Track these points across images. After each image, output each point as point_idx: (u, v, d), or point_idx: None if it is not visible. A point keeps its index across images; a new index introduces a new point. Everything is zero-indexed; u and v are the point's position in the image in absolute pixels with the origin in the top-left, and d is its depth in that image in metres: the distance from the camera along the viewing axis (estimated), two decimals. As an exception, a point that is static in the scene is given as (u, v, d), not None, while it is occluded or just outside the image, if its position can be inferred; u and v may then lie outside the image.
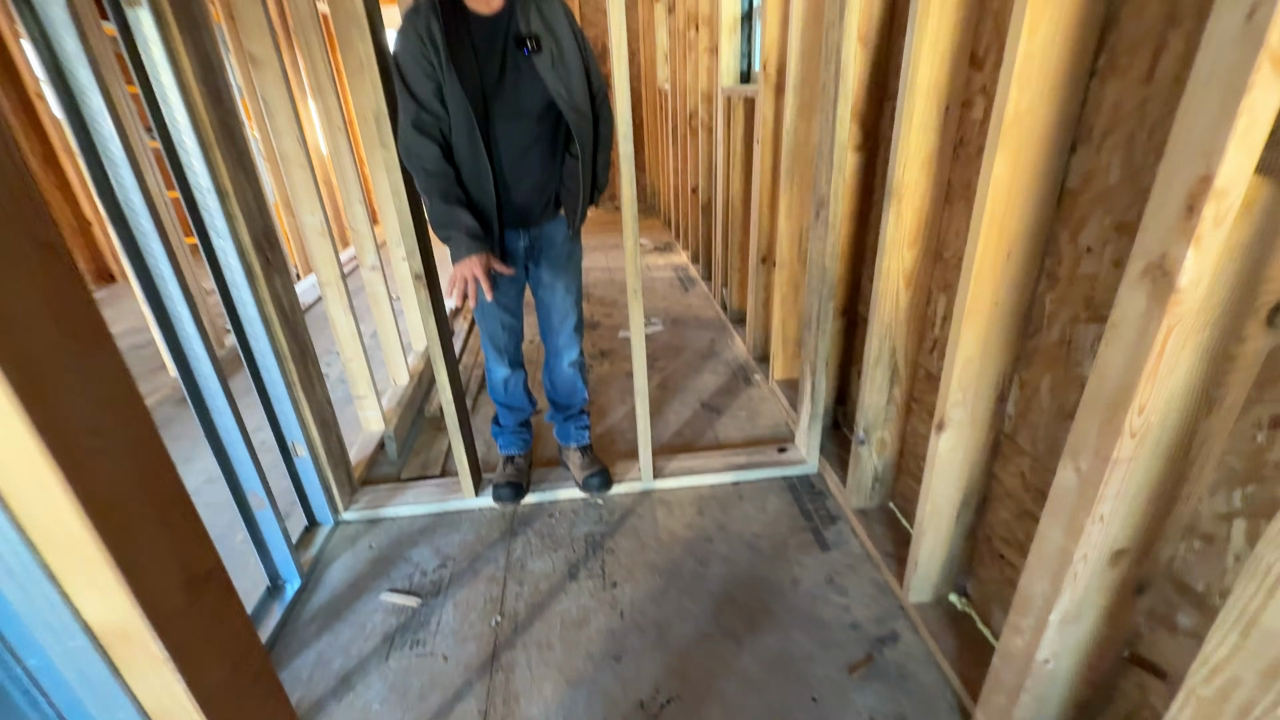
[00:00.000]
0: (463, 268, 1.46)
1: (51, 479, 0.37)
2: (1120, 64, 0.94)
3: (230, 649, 0.51)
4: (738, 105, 2.72)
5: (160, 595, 0.45)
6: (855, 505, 1.79)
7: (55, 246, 0.38)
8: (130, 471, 0.43)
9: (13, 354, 0.34)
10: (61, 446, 0.37)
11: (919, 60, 1.25)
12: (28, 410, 0.35)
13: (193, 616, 0.48)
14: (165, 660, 0.45)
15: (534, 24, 1.43)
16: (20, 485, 0.37)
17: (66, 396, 0.38)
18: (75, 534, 0.40)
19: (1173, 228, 0.69)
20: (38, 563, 0.40)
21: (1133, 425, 0.78)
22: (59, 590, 0.41)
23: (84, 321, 0.40)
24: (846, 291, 1.92)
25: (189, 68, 1.33)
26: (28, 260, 0.36)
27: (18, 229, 0.35)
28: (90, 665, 0.44)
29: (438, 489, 1.98)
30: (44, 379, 0.37)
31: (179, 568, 0.48)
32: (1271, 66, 0.59)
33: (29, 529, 0.39)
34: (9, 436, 0.36)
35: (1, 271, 0.35)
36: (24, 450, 0.36)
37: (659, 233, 5.41)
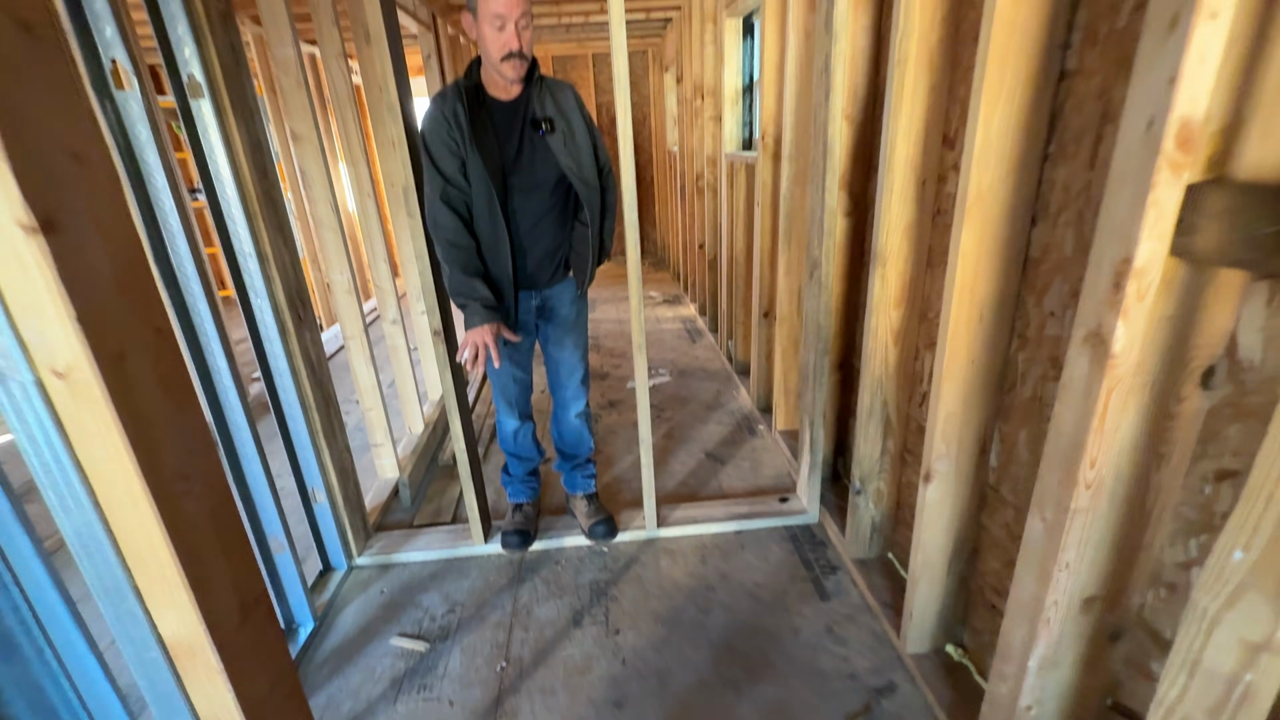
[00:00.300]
0: (475, 334, 1.58)
1: (149, 513, 0.46)
2: (1068, 151, 1.05)
3: (270, 667, 0.59)
4: (740, 170, 2.89)
5: (220, 615, 0.53)
6: (854, 555, 1.82)
7: (164, 330, 0.48)
8: (205, 510, 0.52)
9: (131, 413, 0.44)
10: (158, 487, 0.46)
11: (896, 140, 1.38)
12: (138, 458, 0.45)
13: (244, 635, 0.56)
14: (220, 672, 0.52)
15: (548, 108, 1.59)
16: (124, 518, 0.46)
17: (166, 448, 0.48)
18: (162, 560, 0.48)
19: (1104, 301, 0.78)
20: (129, 583, 0.49)
21: (1086, 477, 0.85)
22: (143, 607, 0.50)
23: (181, 388, 0.50)
24: (841, 346, 2.01)
25: (240, 148, 1.49)
26: (146, 340, 0.46)
27: (141, 317, 0.45)
28: (160, 674, 0.52)
29: (449, 535, 2.04)
30: (152, 434, 0.46)
31: (236, 592, 0.56)
32: (1170, 169, 0.70)
33: (126, 554, 0.48)
34: (122, 478, 0.45)
35: (129, 350, 0.45)
36: (131, 490, 0.45)
37: (669, 285, 5.57)
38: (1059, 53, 1.04)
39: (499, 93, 1.57)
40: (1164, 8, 0.68)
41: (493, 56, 1.48)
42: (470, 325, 1.60)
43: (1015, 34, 1.00)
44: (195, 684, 0.53)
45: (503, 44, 1.45)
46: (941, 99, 1.35)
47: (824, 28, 1.61)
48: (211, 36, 1.40)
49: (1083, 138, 1.02)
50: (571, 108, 1.62)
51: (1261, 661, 0.65)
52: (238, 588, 0.56)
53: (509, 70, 1.49)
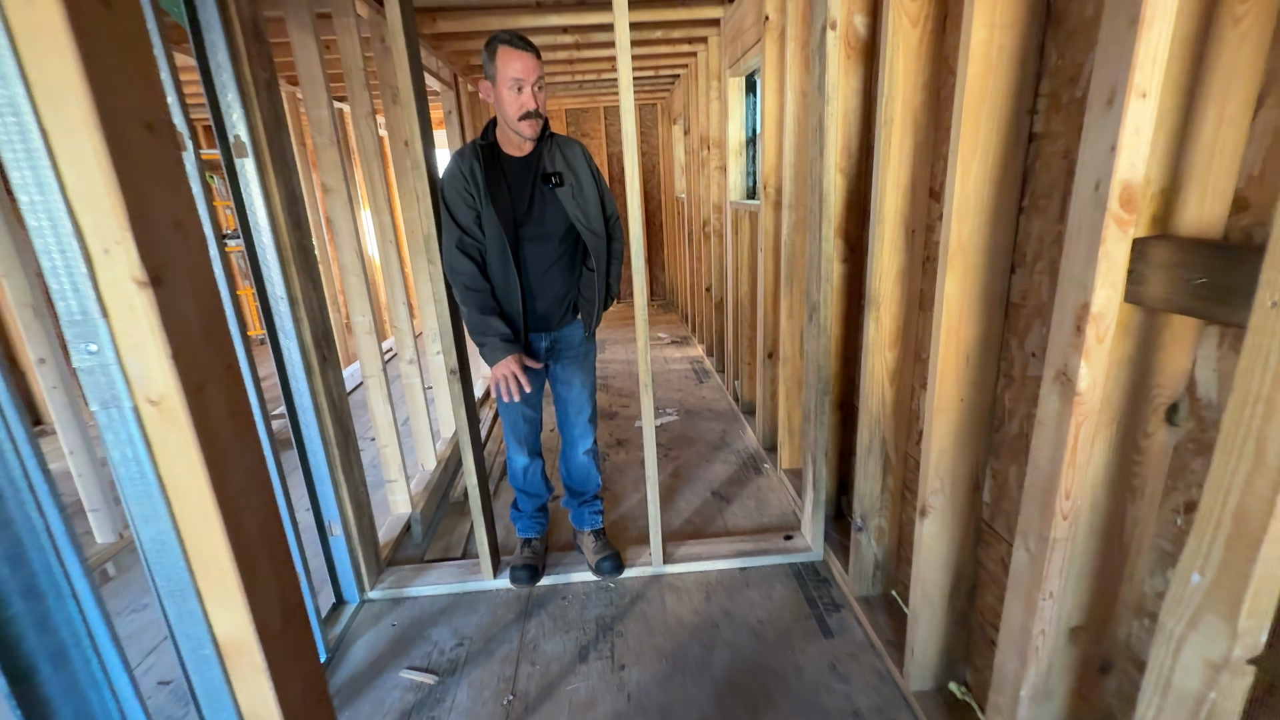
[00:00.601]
0: (500, 368, 1.68)
1: (215, 524, 0.53)
2: (1039, 205, 1.14)
3: (305, 671, 0.64)
4: (744, 217, 3.01)
5: (267, 618, 0.59)
6: (858, 593, 1.84)
7: (234, 366, 0.57)
8: (259, 523, 0.59)
9: (206, 436, 0.52)
10: (224, 501, 0.53)
11: (885, 194, 1.48)
12: (210, 475, 0.52)
13: (285, 638, 0.62)
14: (264, 671, 0.58)
15: (558, 163, 1.71)
16: (194, 527, 0.53)
17: (231, 467, 0.55)
18: (222, 565, 0.55)
19: (1068, 342, 0.85)
20: (192, 586, 0.55)
21: (1063, 508, 0.90)
22: (202, 608, 0.56)
23: (244, 415, 0.58)
24: (841, 386, 2.07)
25: (278, 201, 1.62)
26: (220, 375, 0.54)
27: (218, 354, 0.53)
28: (211, 671, 0.58)
29: (458, 570, 2.09)
30: (221, 454, 0.53)
31: (280, 598, 0.62)
32: (1117, 225, 0.78)
33: (192, 559, 0.55)
34: (195, 492, 0.52)
35: (207, 382, 0.53)
36: (202, 502, 0.52)
37: (677, 327, 5.68)
38: (1027, 117, 1.13)
39: (513, 150, 1.70)
40: (1102, 86, 0.77)
41: (510, 116, 1.61)
42: (494, 361, 1.69)
43: (985, 101, 1.10)
44: (241, 681, 0.59)
45: (520, 105, 1.59)
46: (926, 156, 1.46)
47: (817, 90, 1.74)
48: (257, 102, 1.54)
49: (1052, 193, 1.10)
50: (580, 163, 1.74)
51: (1222, 680, 0.69)
52: (281, 594, 0.62)
53: (526, 129, 1.62)
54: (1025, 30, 1.07)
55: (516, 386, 1.70)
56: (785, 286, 2.34)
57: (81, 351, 0.50)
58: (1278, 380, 0.60)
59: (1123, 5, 0.74)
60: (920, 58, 1.38)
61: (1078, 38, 1.02)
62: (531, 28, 2.99)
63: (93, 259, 0.47)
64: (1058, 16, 1.06)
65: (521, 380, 1.68)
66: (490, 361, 1.71)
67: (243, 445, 0.57)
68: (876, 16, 1.66)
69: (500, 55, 1.56)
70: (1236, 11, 0.72)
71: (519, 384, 1.70)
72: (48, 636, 0.75)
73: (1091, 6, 0.99)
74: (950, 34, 1.36)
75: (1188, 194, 0.79)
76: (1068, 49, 1.04)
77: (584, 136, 6.39)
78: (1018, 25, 1.06)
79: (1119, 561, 0.96)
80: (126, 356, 0.50)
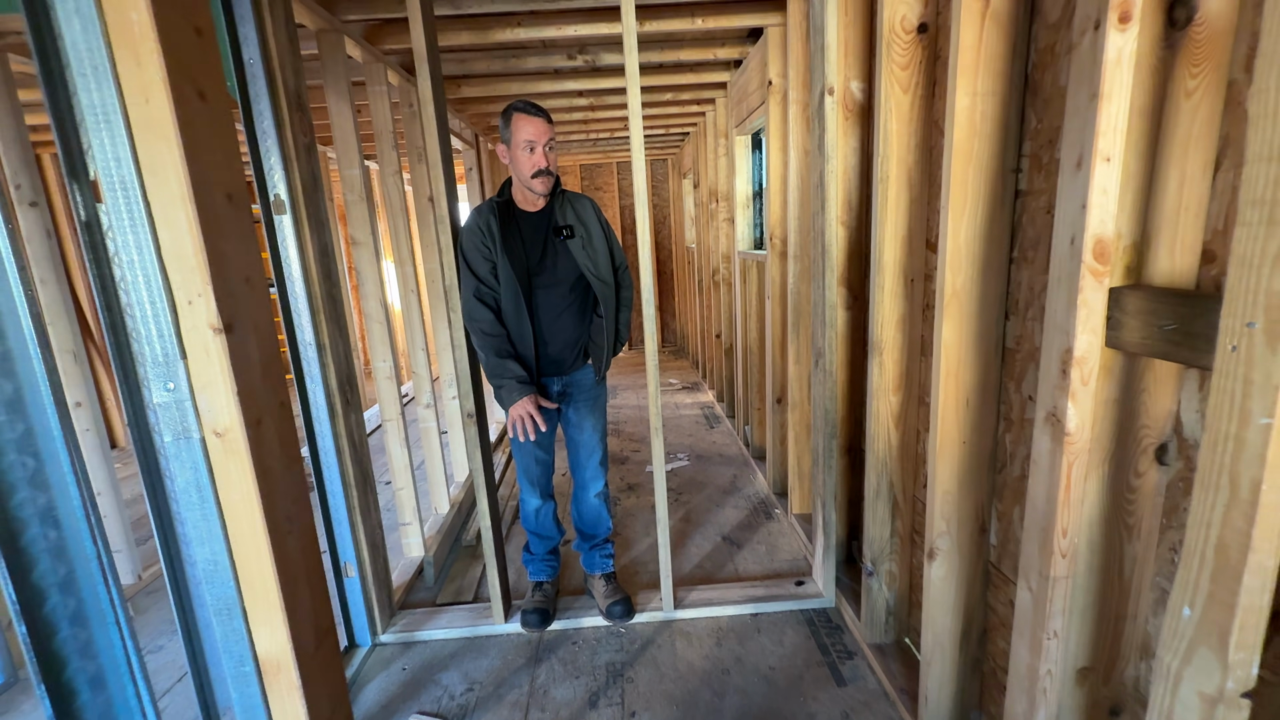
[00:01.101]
0: (517, 409, 1.75)
1: (264, 547, 0.59)
2: (1028, 256, 1.20)
3: (333, 692, 0.68)
4: (751, 266, 3.11)
5: (303, 638, 0.64)
6: (871, 640, 1.83)
7: (286, 404, 0.63)
8: (300, 548, 0.64)
9: (261, 466, 0.58)
10: (273, 526, 0.59)
11: (884, 245, 1.55)
12: (263, 501, 0.58)
13: (318, 659, 0.66)
14: (298, 689, 0.62)
15: (569, 217, 1.83)
16: (245, 549, 0.59)
17: (280, 494, 0.61)
18: (268, 586, 0.60)
19: (1056, 385, 0.90)
20: (239, 605, 0.60)
21: (1061, 546, 0.93)
22: (246, 626, 0.61)
23: (292, 448, 0.64)
24: (849, 430, 2.10)
25: (311, 254, 1.73)
26: (275, 411, 0.60)
27: (274, 392, 0.60)
28: (250, 687, 0.62)
29: (470, 614, 2.09)
30: (273, 483, 0.59)
31: (315, 620, 0.66)
32: (1092, 275, 0.84)
33: (241, 580, 0.60)
34: (248, 517, 0.58)
35: (264, 417, 0.59)
36: (254, 526, 0.58)
37: (688, 373, 5.74)
38: (1012, 175, 1.21)
39: (527, 206, 1.82)
40: (1071, 151, 0.85)
41: (524, 175, 1.74)
42: (510, 403, 1.77)
43: (972, 161, 1.18)
44: (277, 698, 0.63)
45: (533, 164, 1.72)
46: (922, 209, 1.54)
47: (818, 149, 1.85)
48: (296, 165, 1.67)
49: (1038, 244, 1.17)
50: (590, 216, 1.86)
51: (1219, 715, 0.70)
52: (316, 616, 0.67)
53: (539, 185, 1.75)
54: (1005, 98, 1.16)
55: (532, 425, 1.76)
56: (792, 333, 2.41)
57: (161, 389, 0.57)
58: (1244, 419, 0.65)
59: (1084, 81, 0.82)
60: (912, 120, 1.48)
61: (1053, 104, 1.11)
62: (549, 92, 3.18)
63: (178, 309, 0.54)
64: (1034, 86, 1.15)
65: (537, 420, 1.75)
66: (507, 402, 1.78)
67: (290, 475, 0.62)
68: (871, 82, 1.78)
69: (515, 121, 1.71)
70: (1188, 85, 0.80)
71: (534, 423, 1.76)
72: (89, 662, 0.80)
73: (1063, 77, 1.08)
74: (939, 99, 1.46)
75: (1158, 247, 0.85)
76: (1045, 114, 1.13)
77: (597, 190, 6.63)
78: (998, 94, 1.15)
79: (1121, 601, 0.98)
80: (199, 394, 0.56)
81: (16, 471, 0.74)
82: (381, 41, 2.25)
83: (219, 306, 0.55)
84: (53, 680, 0.79)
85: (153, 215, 0.52)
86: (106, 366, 4.17)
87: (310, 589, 0.66)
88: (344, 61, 2.03)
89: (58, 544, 0.78)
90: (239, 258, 0.57)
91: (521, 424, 1.76)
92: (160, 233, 0.52)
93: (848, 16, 1.74)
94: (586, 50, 2.66)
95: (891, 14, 1.42)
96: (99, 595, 0.79)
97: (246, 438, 0.56)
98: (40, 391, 0.79)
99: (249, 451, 0.57)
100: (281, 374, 0.62)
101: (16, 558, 0.76)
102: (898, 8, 1.41)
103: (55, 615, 0.78)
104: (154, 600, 2.37)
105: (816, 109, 1.84)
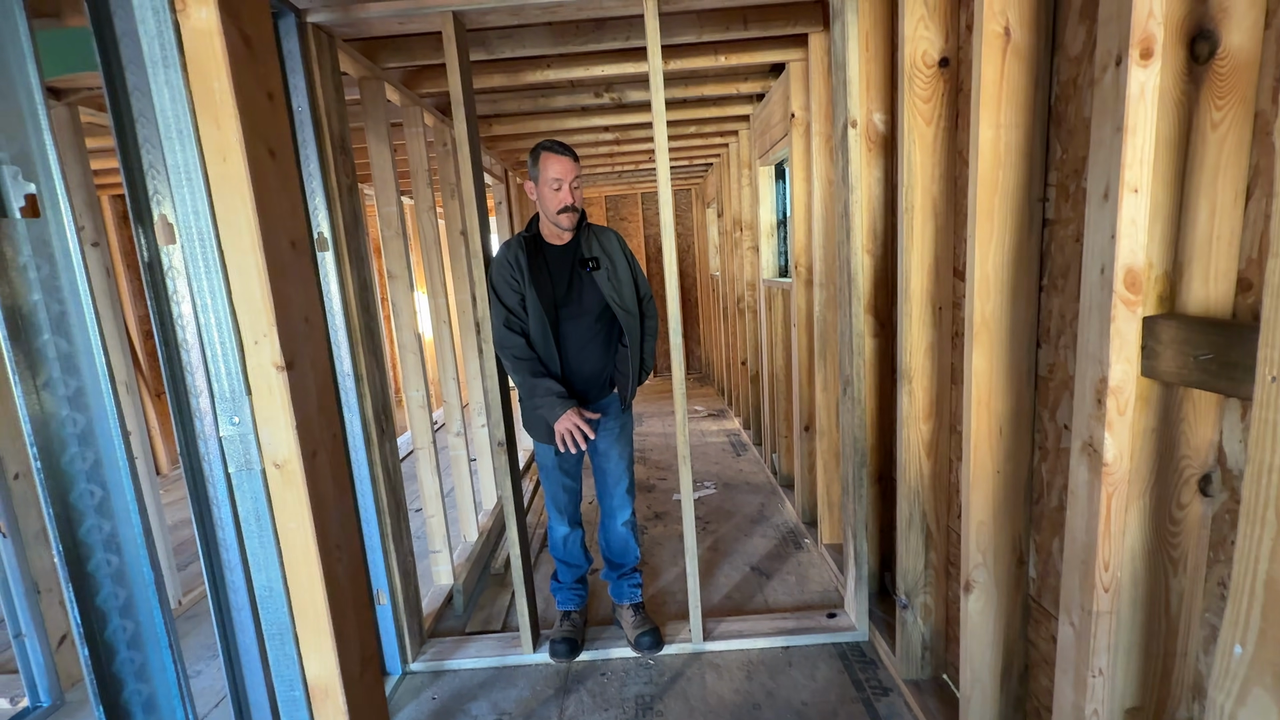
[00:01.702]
0: (562, 423, 1.77)
1: (316, 572, 0.61)
2: (1057, 284, 1.20)
3: (376, 718, 0.70)
4: (777, 294, 3.12)
5: (350, 663, 0.66)
6: (907, 675, 1.78)
7: (338, 436, 0.67)
8: (349, 574, 0.67)
9: (316, 495, 0.61)
10: (324, 552, 0.62)
11: (910, 274, 1.56)
12: (315, 528, 0.61)
13: (362, 684, 0.68)
14: (344, 714, 0.64)
15: (594, 249, 1.88)
16: (298, 575, 0.62)
17: (331, 522, 0.64)
18: (318, 612, 0.62)
19: (1091, 414, 0.89)
20: (291, 630, 0.63)
21: (1103, 580, 0.91)
22: (297, 651, 0.63)
23: (343, 478, 0.67)
24: (879, 458, 2.08)
25: (351, 289, 1.80)
26: (328, 442, 0.64)
27: (328, 425, 0.64)
28: (299, 712, 0.64)
29: (498, 643, 2.10)
30: (325, 511, 0.63)
31: (361, 646, 0.69)
32: (1124, 305, 0.84)
33: (294, 605, 0.63)
34: (302, 543, 0.61)
35: (319, 449, 0.63)
36: (307, 552, 0.61)
37: (713, 400, 5.73)
38: (1039, 205, 1.22)
39: (554, 239, 1.88)
40: (1098, 182, 0.86)
41: (551, 210, 1.80)
42: (555, 418, 1.79)
43: (997, 191, 1.19)
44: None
45: (559, 200, 1.78)
46: (948, 238, 1.55)
47: (841, 180, 1.87)
48: (340, 203, 1.75)
49: (1068, 273, 1.17)
50: (614, 249, 1.91)
51: (1278, 759, 0.67)
52: (362, 643, 0.69)
53: (564, 220, 1.81)
54: (1029, 129, 1.17)
55: (581, 436, 1.78)
56: (819, 360, 2.41)
57: (227, 423, 0.61)
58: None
59: (1108, 115, 0.83)
60: (936, 151, 1.50)
61: (1077, 135, 1.12)
62: (576, 128, 3.28)
63: (245, 348, 0.59)
64: (1058, 117, 1.17)
65: (585, 429, 1.76)
66: (551, 419, 1.80)
67: (341, 504, 0.66)
68: (894, 113, 1.80)
69: (543, 160, 1.78)
70: (1214, 117, 0.81)
71: (582, 434, 1.77)
72: (144, 684, 0.83)
73: (1087, 108, 1.09)
74: (962, 130, 1.48)
75: (1191, 276, 0.84)
76: (1070, 145, 1.14)
77: (622, 220, 6.74)
78: (1021, 125, 1.17)
79: (1169, 638, 0.95)
80: (261, 427, 0.60)
81: (86, 500, 0.78)
82: (419, 86, 2.36)
83: (282, 345, 0.59)
84: (110, 702, 0.82)
85: (225, 262, 0.57)
86: (150, 396, 4.34)
87: (357, 616, 0.69)
88: (384, 106, 2.13)
89: (119, 569, 0.82)
90: (300, 299, 0.61)
91: (570, 436, 1.77)
92: (232, 278, 0.57)
93: (869, 52, 1.78)
94: (613, 88, 2.75)
95: (913, 50, 1.45)
96: (155, 619, 0.82)
97: (303, 469, 0.60)
98: (109, 424, 0.84)
99: (305, 482, 0.60)
100: (335, 408, 0.65)
101: (83, 582, 0.80)
102: (919, 44, 1.45)
103: (115, 638, 0.81)
104: (192, 625, 2.42)
105: (840, 141, 1.87)
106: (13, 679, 2.07)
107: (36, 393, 0.72)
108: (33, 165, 0.68)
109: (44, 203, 0.68)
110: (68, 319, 0.77)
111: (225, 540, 0.97)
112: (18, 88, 0.71)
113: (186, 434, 0.98)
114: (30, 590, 1.95)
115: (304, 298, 0.63)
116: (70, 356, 0.76)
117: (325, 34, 1.72)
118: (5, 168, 0.78)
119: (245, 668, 1.06)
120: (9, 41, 0.69)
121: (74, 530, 0.82)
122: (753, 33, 2.11)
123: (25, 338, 0.73)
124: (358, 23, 1.72)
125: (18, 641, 1.96)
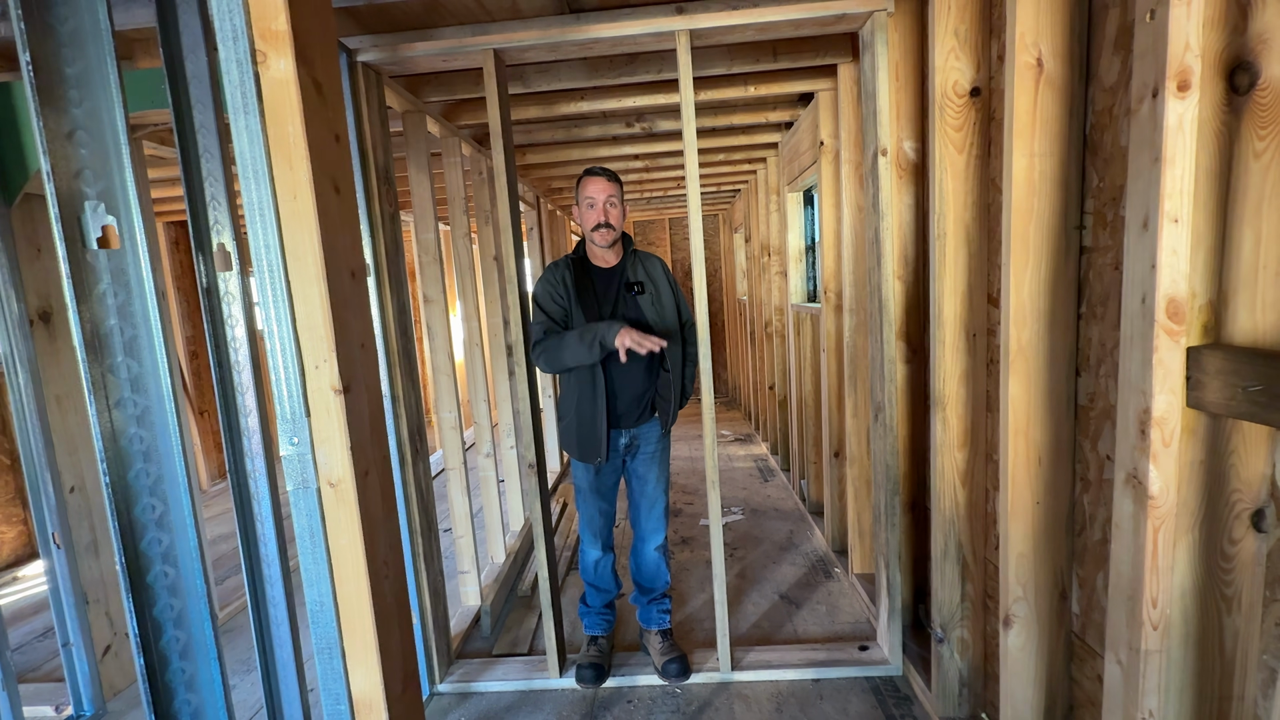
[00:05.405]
0: (621, 337, 1.70)
1: (364, 589, 0.64)
2: (1096, 312, 1.18)
3: (416, 736, 0.71)
4: (805, 319, 3.12)
5: (392, 680, 0.68)
6: (943, 713, 1.72)
7: (387, 457, 0.70)
8: (394, 592, 0.69)
9: (366, 513, 0.64)
10: (373, 570, 0.64)
11: (943, 300, 1.55)
12: (365, 546, 0.63)
13: (403, 702, 0.69)
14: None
15: (639, 274, 1.91)
16: (347, 591, 0.64)
17: (379, 540, 0.66)
18: (365, 627, 0.65)
19: (1135, 446, 0.88)
20: (339, 645, 0.65)
21: (1151, 617, 0.88)
22: (344, 666, 0.65)
23: (389, 498, 0.70)
24: (911, 486, 2.04)
25: (390, 312, 1.86)
26: (378, 463, 0.67)
27: (379, 446, 0.67)
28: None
29: (525, 666, 2.09)
30: (374, 529, 0.65)
31: (403, 663, 0.71)
32: (1167, 335, 0.83)
33: (343, 622, 0.65)
34: (352, 560, 0.63)
35: (370, 469, 0.66)
36: (356, 569, 0.63)
37: (740, 424, 5.69)
38: (1076, 233, 1.21)
39: (600, 262, 1.92)
40: (1137, 212, 0.86)
41: (587, 228, 1.85)
42: (612, 337, 1.72)
43: (1032, 219, 1.19)
44: (366, 739, 0.67)
45: (594, 219, 1.84)
46: (981, 264, 1.54)
47: (872, 207, 1.88)
48: (382, 231, 1.82)
49: (1107, 301, 1.15)
50: (659, 275, 1.94)
51: (1347, 812, 0.64)
52: (404, 660, 0.71)
53: (599, 238, 1.85)
54: (1064, 158, 1.17)
55: (643, 336, 1.69)
56: (849, 386, 2.39)
57: (287, 443, 0.64)
58: (1345, 486, 0.62)
59: (1145, 145, 0.83)
60: (968, 179, 1.50)
61: (1114, 163, 1.11)
62: (607, 157, 3.36)
63: (306, 372, 0.62)
64: (1093, 146, 1.17)
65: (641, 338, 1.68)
66: (609, 341, 1.73)
67: (388, 523, 0.68)
68: (924, 142, 1.82)
69: (582, 182, 1.86)
70: (1256, 147, 0.80)
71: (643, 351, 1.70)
72: (193, 695, 0.86)
73: (1123, 137, 1.09)
74: (995, 158, 1.48)
75: (1237, 306, 0.83)
76: (1106, 173, 1.14)
77: (650, 245, 6.82)
78: (1055, 154, 1.17)
79: (1225, 680, 0.91)
80: (318, 448, 0.63)
81: (148, 514, 0.83)
82: (457, 118, 2.45)
83: (340, 370, 0.62)
84: (161, 711, 0.85)
85: (291, 291, 0.61)
86: (193, 413, 4.49)
87: (400, 632, 0.71)
88: (425, 137, 2.22)
89: (174, 582, 0.86)
90: (356, 325, 0.65)
91: (639, 343, 1.68)
92: (297, 306, 0.61)
93: (899, 82, 1.80)
94: (643, 118, 2.82)
95: (943, 80, 1.47)
96: (206, 632, 0.86)
97: (356, 488, 0.63)
98: (171, 440, 0.89)
99: (357, 501, 0.63)
100: (384, 430, 0.69)
101: (142, 593, 0.84)
102: (949, 74, 1.46)
103: (169, 648, 0.85)
104: (227, 640, 2.47)
105: (870, 169, 1.88)
106: (58, 687, 2.14)
107: (109, 411, 0.77)
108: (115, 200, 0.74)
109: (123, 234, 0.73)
110: (138, 342, 0.82)
111: (267, 556, 1.01)
112: (105, 129, 0.77)
113: (235, 452, 1.03)
114: (79, 601, 2.02)
115: (361, 324, 0.67)
116: (139, 377, 0.81)
117: (374, 72, 1.81)
118: (88, 203, 0.84)
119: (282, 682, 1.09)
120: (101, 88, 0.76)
121: (136, 543, 0.86)
122: (782, 64, 2.15)
123: (101, 359, 0.78)
124: (404, 61, 1.80)
125: (65, 650, 2.02)
